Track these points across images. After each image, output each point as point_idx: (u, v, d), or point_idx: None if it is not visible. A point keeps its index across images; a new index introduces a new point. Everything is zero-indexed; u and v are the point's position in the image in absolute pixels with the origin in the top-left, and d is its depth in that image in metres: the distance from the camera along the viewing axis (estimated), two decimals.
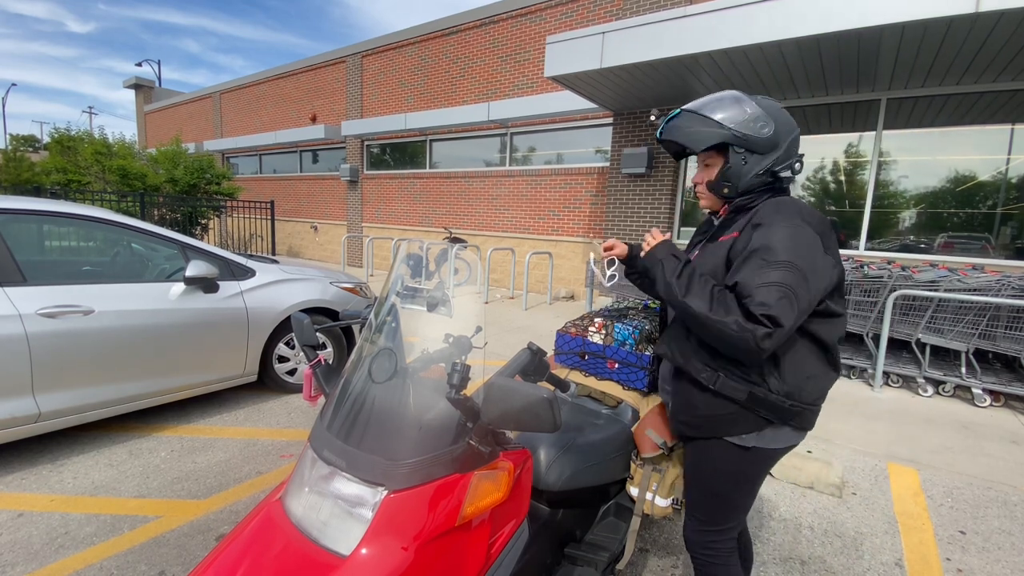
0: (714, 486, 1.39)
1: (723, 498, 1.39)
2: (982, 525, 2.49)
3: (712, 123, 1.31)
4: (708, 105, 1.35)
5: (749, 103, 1.32)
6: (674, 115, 1.39)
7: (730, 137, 1.29)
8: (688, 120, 1.35)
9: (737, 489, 1.38)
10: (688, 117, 1.36)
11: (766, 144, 1.29)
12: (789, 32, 4.53)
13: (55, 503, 2.36)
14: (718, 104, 1.34)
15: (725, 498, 1.39)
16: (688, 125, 1.35)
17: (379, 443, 1.07)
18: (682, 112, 1.37)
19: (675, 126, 1.38)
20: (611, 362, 1.87)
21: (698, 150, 1.34)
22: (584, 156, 8.76)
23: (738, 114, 1.30)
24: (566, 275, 8.87)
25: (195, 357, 3.17)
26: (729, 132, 1.29)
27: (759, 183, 1.32)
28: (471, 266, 7.73)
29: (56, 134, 13.80)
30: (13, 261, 2.57)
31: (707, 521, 1.42)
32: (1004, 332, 4.19)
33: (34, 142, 34.39)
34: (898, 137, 6.03)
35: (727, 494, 1.39)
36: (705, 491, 1.41)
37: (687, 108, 1.37)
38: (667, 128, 1.40)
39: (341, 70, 12.59)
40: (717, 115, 1.31)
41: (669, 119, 1.40)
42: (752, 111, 1.30)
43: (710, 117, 1.32)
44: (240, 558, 1.00)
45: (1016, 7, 3.71)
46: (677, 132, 1.37)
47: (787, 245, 1.16)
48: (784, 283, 1.12)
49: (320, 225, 13.84)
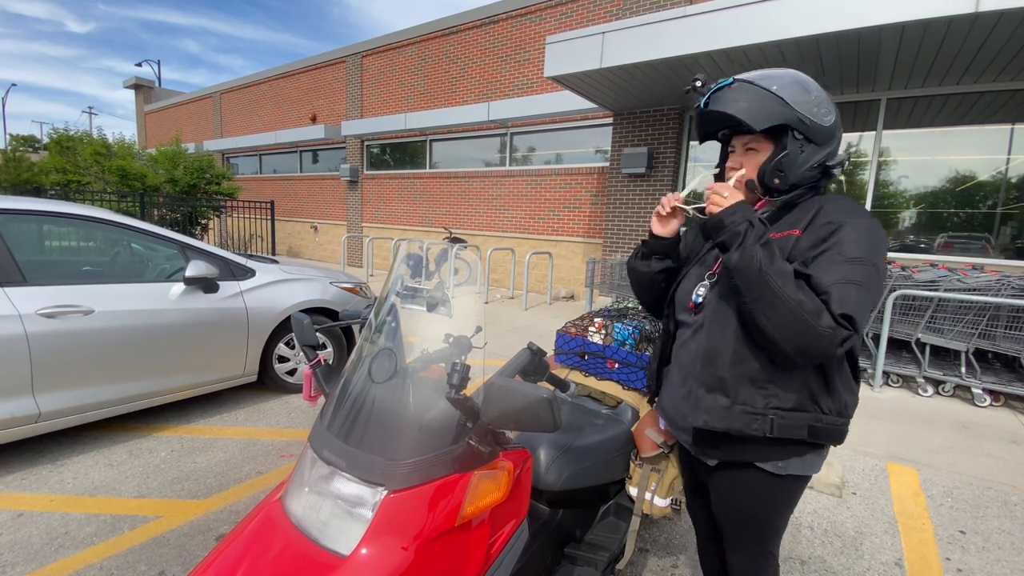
0: (755, 514, 1.26)
1: (767, 524, 1.28)
2: (982, 525, 2.49)
3: (776, 100, 1.11)
4: (769, 78, 1.14)
5: (813, 85, 1.15)
6: (725, 84, 1.16)
7: (794, 120, 1.11)
8: (746, 92, 1.13)
9: (780, 515, 1.27)
10: (746, 89, 1.14)
11: (825, 134, 1.14)
12: (789, 32, 4.53)
13: (55, 503, 2.36)
14: (780, 79, 1.13)
15: (770, 524, 1.28)
16: (746, 98, 1.12)
17: (379, 443, 1.07)
18: (737, 82, 1.15)
19: (728, 97, 1.14)
20: (611, 362, 1.87)
21: (758, 128, 1.11)
22: (584, 156, 8.76)
23: (801, 94, 1.12)
24: (566, 275, 8.87)
25: (195, 357, 3.17)
26: (794, 113, 1.11)
27: (810, 178, 1.16)
28: (471, 266, 7.72)
29: (55, 134, 13.80)
30: (13, 261, 2.57)
31: (758, 553, 1.30)
32: (1004, 332, 4.19)
33: (34, 142, 34.36)
34: (898, 137, 6.03)
35: (771, 519, 1.27)
36: (745, 522, 1.28)
37: (743, 78, 1.16)
38: (716, 99, 1.16)
39: (341, 70, 12.58)
40: (783, 92, 1.11)
41: (718, 88, 1.17)
42: (816, 95, 1.13)
43: (774, 92, 1.11)
44: (240, 558, 1.00)
45: (1016, 7, 3.71)
46: (731, 104, 1.13)
47: (869, 243, 1.05)
48: (863, 283, 1.01)
49: (320, 225, 13.84)
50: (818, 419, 1.12)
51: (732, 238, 1.07)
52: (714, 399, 1.14)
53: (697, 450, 1.27)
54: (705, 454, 1.26)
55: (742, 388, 1.12)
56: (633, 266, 1.40)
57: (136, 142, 16.66)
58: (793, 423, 1.11)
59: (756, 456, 1.17)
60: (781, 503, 1.24)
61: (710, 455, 1.25)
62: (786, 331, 1.00)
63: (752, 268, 1.02)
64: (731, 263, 1.06)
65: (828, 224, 1.08)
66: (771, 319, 1.01)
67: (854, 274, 1.01)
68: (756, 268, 1.02)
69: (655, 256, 1.35)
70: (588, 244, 8.58)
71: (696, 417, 1.17)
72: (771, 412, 1.11)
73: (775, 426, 1.10)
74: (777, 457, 1.16)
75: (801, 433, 1.12)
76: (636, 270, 1.39)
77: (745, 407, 1.12)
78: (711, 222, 1.12)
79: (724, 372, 1.13)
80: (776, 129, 1.13)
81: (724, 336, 1.14)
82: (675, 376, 1.30)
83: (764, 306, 1.02)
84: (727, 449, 1.20)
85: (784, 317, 1.00)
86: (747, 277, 1.03)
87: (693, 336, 1.23)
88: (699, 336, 1.20)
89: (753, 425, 1.11)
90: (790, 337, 1.01)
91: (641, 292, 1.45)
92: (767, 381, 1.11)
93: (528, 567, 1.33)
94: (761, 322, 1.03)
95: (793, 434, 1.11)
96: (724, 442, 1.19)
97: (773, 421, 1.10)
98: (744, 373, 1.12)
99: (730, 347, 1.13)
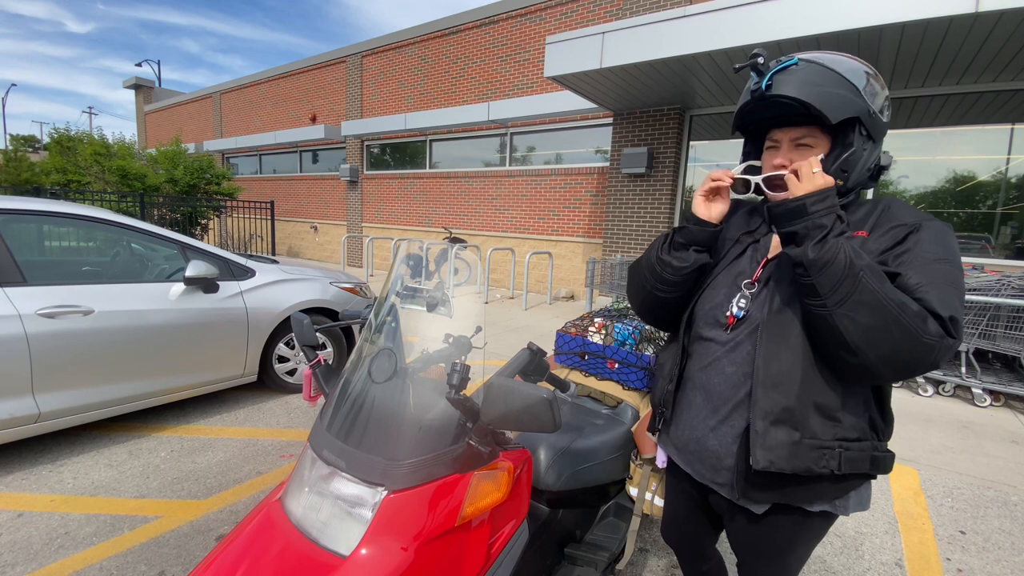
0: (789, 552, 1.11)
1: (799, 560, 1.14)
2: (982, 525, 2.49)
3: (851, 88, 0.94)
4: (839, 63, 0.96)
5: (875, 74, 0.99)
6: (788, 63, 0.96)
7: (865, 113, 0.95)
8: (818, 76, 0.94)
9: (811, 549, 1.13)
10: (816, 72, 0.95)
11: (883, 130, 1.01)
12: (789, 32, 4.53)
13: (55, 503, 2.36)
14: (844, 64, 0.96)
15: (801, 560, 1.14)
16: (820, 83, 0.94)
17: (379, 443, 1.07)
18: (802, 62, 0.96)
19: (796, 80, 0.94)
20: (611, 362, 1.87)
21: (834, 121, 0.94)
22: (584, 156, 8.76)
23: (867, 85, 0.96)
24: (566, 275, 8.87)
25: (195, 357, 3.17)
26: (866, 105, 0.95)
27: (866, 178, 1.04)
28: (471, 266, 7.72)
29: (56, 134, 13.81)
30: (13, 261, 2.57)
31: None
32: (1004, 332, 4.19)
33: (34, 142, 34.38)
34: (898, 137, 6.03)
35: (804, 555, 1.13)
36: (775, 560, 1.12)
37: (808, 58, 0.97)
38: (783, 81, 0.95)
39: (341, 70, 12.59)
40: (855, 79, 0.95)
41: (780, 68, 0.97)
42: (881, 88, 0.98)
43: (849, 79, 0.94)
44: (240, 558, 1.00)
45: (1016, 7, 3.71)
46: (805, 89, 0.93)
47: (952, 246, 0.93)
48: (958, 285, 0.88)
49: (320, 225, 13.84)
50: (875, 447, 0.99)
51: (814, 230, 0.89)
52: (781, 434, 0.95)
53: (739, 496, 1.05)
54: (751, 499, 1.05)
55: (811, 419, 0.95)
56: (662, 259, 1.12)
57: (136, 142, 16.66)
58: (858, 455, 0.97)
59: (816, 496, 1.01)
60: (815, 539, 1.11)
61: (758, 500, 1.04)
62: (882, 338, 0.84)
63: (839, 263, 0.85)
64: (808, 258, 0.87)
65: (902, 226, 0.95)
66: (862, 325, 0.84)
67: (948, 275, 0.87)
68: (844, 263, 0.84)
69: (694, 247, 1.11)
70: (588, 244, 8.58)
71: (758, 457, 0.96)
72: (838, 445, 0.95)
73: (843, 460, 0.96)
74: (835, 495, 1.02)
75: (865, 465, 0.98)
76: (669, 265, 1.11)
77: (814, 441, 0.95)
78: (788, 206, 0.92)
79: (791, 400, 0.95)
80: (847, 123, 0.97)
81: (787, 357, 0.96)
82: (699, 404, 1.10)
83: (853, 309, 0.84)
84: (785, 492, 1.01)
85: (881, 321, 0.83)
86: (831, 275, 0.85)
87: (728, 356, 1.05)
88: (736, 356, 1.03)
89: (821, 462, 0.95)
90: (887, 346, 0.84)
91: (655, 295, 1.17)
92: (836, 408, 0.95)
93: (528, 567, 1.33)
94: (845, 329, 0.85)
95: (859, 467, 0.97)
96: (779, 484, 1.00)
97: (841, 455, 0.95)
98: (810, 400, 0.95)
99: (798, 370, 0.95)
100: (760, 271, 1.07)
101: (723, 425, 1.05)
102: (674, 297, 1.16)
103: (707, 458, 1.09)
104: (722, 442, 1.05)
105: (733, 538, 1.18)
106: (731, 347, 1.05)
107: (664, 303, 1.18)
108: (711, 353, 1.08)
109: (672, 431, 1.19)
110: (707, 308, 1.11)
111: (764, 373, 0.97)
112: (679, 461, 1.19)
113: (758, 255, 1.11)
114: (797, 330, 0.96)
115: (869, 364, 0.86)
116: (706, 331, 1.10)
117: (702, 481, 1.14)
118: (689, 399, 1.13)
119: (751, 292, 1.06)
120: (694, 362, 1.12)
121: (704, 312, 1.11)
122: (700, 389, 1.10)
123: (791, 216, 0.91)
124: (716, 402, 1.06)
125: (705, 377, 1.08)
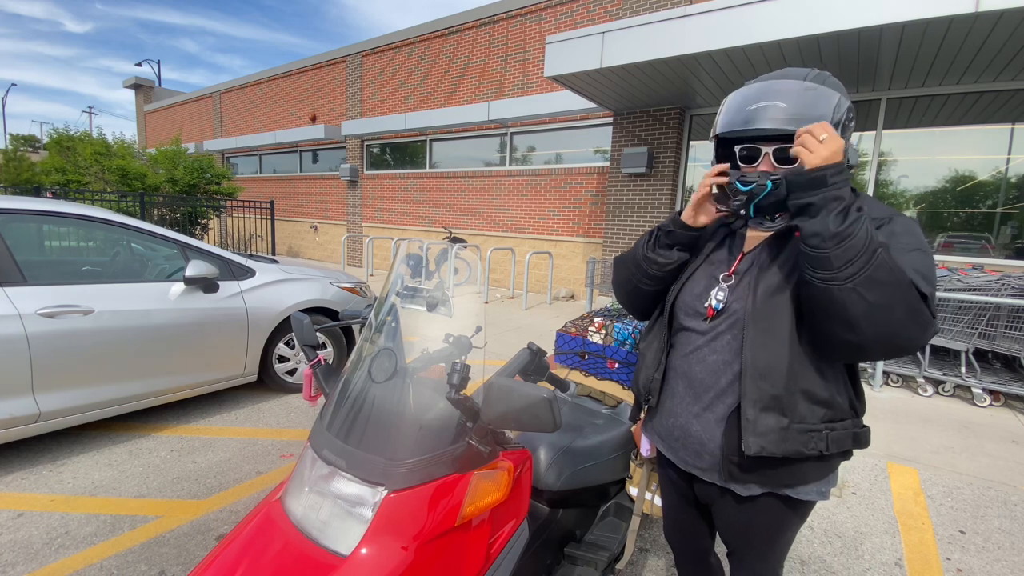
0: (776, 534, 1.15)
1: (785, 541, 1.18)
2: (982, 525, 2.49)
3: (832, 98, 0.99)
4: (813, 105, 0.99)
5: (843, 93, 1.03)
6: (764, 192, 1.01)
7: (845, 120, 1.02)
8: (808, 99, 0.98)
9: (796, 530, 1.17)
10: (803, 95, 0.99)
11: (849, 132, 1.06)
12: (789, 32, 4.53)
13: (55, 503, 2.36)
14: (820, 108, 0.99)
15: (787, 541, 1.18)
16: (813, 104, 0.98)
17: (379, 443, 1.07)
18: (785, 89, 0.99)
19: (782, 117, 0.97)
20: (611, 362, 1.87)
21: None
22: (584, 156, 8.75)
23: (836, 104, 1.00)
24: (566, 275, 8.87)
25: (195, 357, 3.17)
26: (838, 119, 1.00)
27: None
28: (471, 266, 7.73)
29: (55, 134, 13.81)
30: (13, 261, 2.56)
31: (767, 568, 1.20)
32: (1004, 332, 4.19)
33: (34, 142, 34.36)
34: (898, 137, 6.03)
35: (789, 537, 1.17)
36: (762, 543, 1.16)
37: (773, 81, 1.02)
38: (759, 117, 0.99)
39: (341, 70, 12.58)
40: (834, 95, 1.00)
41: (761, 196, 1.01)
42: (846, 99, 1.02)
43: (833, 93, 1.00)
44: (240, 558, 1.00)
45: (1016, 7, 3.71)
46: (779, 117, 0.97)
47: (921, 237, 0.97)
48: (932, 274, 0.91)
49: (320, 225, 13.84)
50: (855, 423, 1.05)
51: (832, 201, 0.86)
52: (771, 420, 0.99)
53: (726, 479, 1.08)
54: (739, 482, 1.08)
55: (799, 404, 1.00)
56: (647, 256, 1.19)
57: (136, 142, 16.67)
58: (842, 434, 1.02)
59: (805, 477, 1.05)
60: (799, 520, 1.15)
61: (747, 483, 1.07)
62: (885, 316, 0.84)
63: (859, 237, 0.83)
64: (829, 230, 0.85)
65: (874, 219, 0.96)
66: (868, 301, 0.84)
67: (923, 264, 0.91)
68: (865, 237, 0.83)
69: (678, 247, 1.18)
70: (588, 244, 8.58)
71: (750, 443, 0.99)
72: (824, 427, 1.00)
73: (830, 441, 1.00)
74: (818, 476, 1.06)
75: (848, 443, 1.03)
76: (654, 262, 1.18)
77: (802, 425, 1.00)
78: (807, 175, 0.88)
79: (779, 389, 0.99)
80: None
81: (773, 347, 0.99)
82: (681, 392, 1.13)
83: (864, 285, 0.83)
84: (773, 475, 1.05)
85: (888, 299, 0.83)
86: (849, 248, 0.83)
87: (709, 345, 1.09)
88: (717, 345, 1.07)
89: (810, 444, 0.99)
90: (887, 325, 0.85)
91: (639, 288, 1.24)
92: (821, 392, 1.00)
93: (528, 567, 1.33)
94: (852, 304, 0.84)
95: (843, 446, 1.02)
96: (768, 467, 1.04)
97: (828, 436, 1.00)
98: (797, 387, 0.99)
99: (784, 359, 0.99)
100: (737, 264, 1.12)
101: (706, 412, 1.08)
102: (657, 290, 1.24)
103: (690, 444, 1.12)
104: (705, 428, 1.09)
105: (722, 525, 1.20)
106: (712, 337, 1.09)
107: (646, 295, 1.25)
108: (692, 343, 1.13)
109: (656, 419, 1.23)
110: (687, 300, 1.16)
111: (752, 364, 1.00)
112: (663, 449, 1.23)
113: (735, 248, 1.16)
114: (783, 320, 1.00)
115: (864, 341, 0.87)
116: (687, 322, 1.15)
117: (685, 468, 1.17)
118: (672, 388, 1.17)
119: (728, 284, 1.10)
120: (676, 351, 1.17)
121: (684, 304, 1.16)
122: (682, 377, 1.13)
123: (810, 187, 0.89)
124: (698, 390, 1.10)
125: (687, 366, 1.12)
